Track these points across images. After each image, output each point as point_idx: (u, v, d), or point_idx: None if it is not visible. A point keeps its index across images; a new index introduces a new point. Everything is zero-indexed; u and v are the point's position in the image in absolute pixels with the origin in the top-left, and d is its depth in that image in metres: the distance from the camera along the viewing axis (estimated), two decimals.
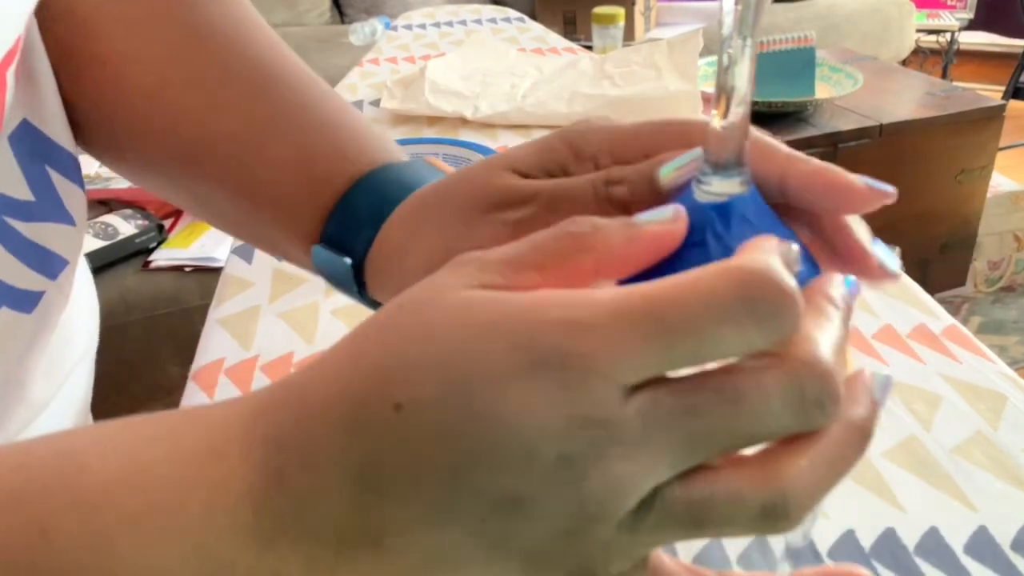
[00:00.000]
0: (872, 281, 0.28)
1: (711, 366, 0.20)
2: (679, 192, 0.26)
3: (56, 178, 0.39)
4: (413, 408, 0.19)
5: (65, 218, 0.40)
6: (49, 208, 0.39)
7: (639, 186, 0.27)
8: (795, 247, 0.21)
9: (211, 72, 0.38)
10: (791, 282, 0.19)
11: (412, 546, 0.20)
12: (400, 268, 0.34)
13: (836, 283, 0.23)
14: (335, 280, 0.37)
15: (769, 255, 0.20)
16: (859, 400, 0.21)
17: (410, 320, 0.21)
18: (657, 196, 0.27)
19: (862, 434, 0.21)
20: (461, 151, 0.78)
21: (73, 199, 0.40)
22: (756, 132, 0.27)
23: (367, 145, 0.37)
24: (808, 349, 0.20)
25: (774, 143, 0.27)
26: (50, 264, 0.39)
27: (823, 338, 0.20)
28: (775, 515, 0.19)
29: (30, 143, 0.37)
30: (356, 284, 0.36)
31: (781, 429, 0.20)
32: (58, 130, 0.39)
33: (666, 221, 0.23)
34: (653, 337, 0.19)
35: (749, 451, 0.20)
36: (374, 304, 0.37)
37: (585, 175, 0.29)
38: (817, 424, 0.20)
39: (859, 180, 0.26)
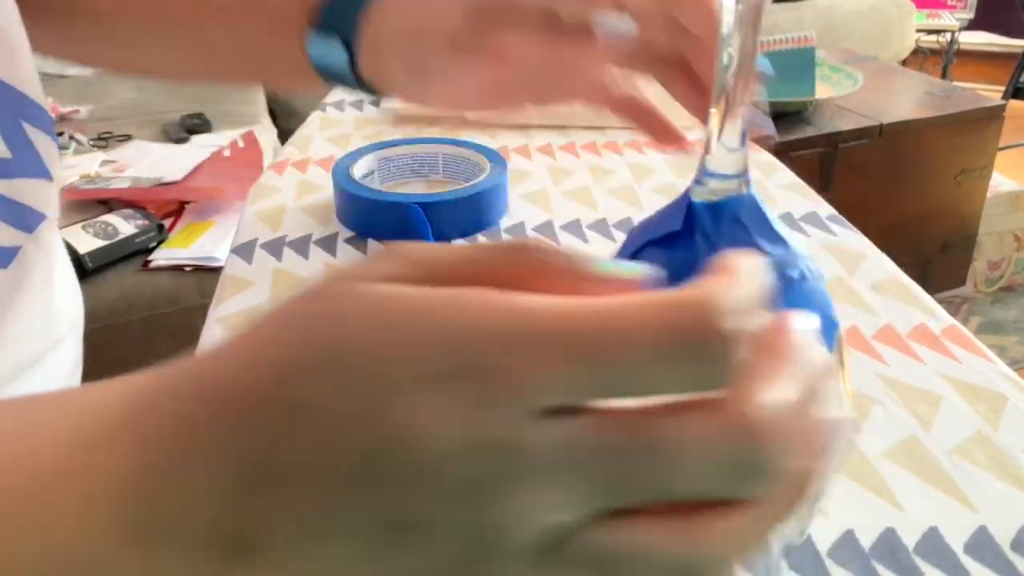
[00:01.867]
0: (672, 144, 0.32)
1: (652, 400, 0.18)
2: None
3: (31, 132, 0.39)
4: (310, 410, 0.18)
5: (42, 172, 0.40)
6: (26, 163, 0.39)
7: (578, 20, 0.33)
8: (763, 281, 0.18)
9: None
10: (728, 324, 0.17)
11: (293, 557, 0.18)
12: (376, 47, 0.38)
13: (805, 323, 0.20)
14: (333, 72, 0.40)
15: (721, 287, 0.17)
16: (806, 447, 0.19)
17: (317, 313, 0.19)
18: (588, 33, 0.33)
19: (802, 488, 0.19)
20: (461, 151, 0.78)
21: (49, 152, 0.41)
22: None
23: None
24: (747, 408, 0.17)
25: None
26: (26, 219, 0.40)
27: (774, 393, 0.18)
28: None
29: (4, 99, 0.37)
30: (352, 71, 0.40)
31: (707, 492, 0.18)
32: (31, 84, 0.39)
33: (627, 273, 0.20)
34: (576, 362, 0.17)
35: None
36: (366, 89, 0.41)
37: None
38: (749, 495, 0.18)
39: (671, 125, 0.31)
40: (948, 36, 3.13)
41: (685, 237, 0.24)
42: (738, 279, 0.18)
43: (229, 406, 0.19)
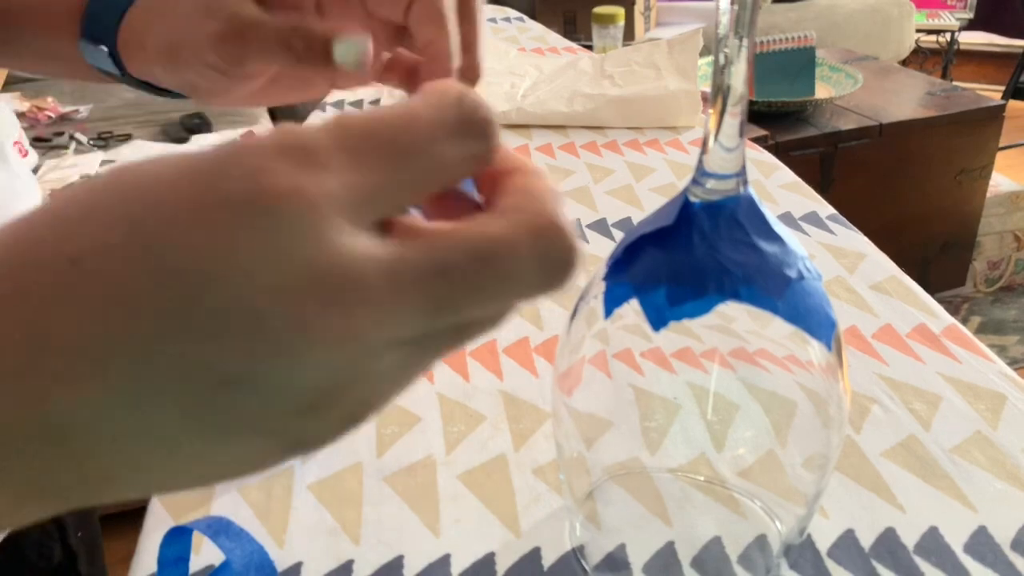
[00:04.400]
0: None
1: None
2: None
3: None
4: (93, 260, 0.15)
5: None
6: None
7: (314, 46, 0.33)
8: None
9: None
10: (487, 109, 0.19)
11: (107, 436, 0.16)
12: (141, 56, 0.39)
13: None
14: (109, 74, 0.42)
15: (463, 87, 0.19)
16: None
17: (108, 172, 0.17)
18: (326, 58, 0.33)
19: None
20: None
21: None
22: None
23: None
24: (550, 210, 0.18)
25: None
26: None
27: (555, 200, 0.19)
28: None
29: None
30: (120, 72, 0.41)
31: (525, 294, 0.18)
32: None
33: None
34: (381, 164, 0.17)
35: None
36: (143, 85, 0.42)
37: (279, 19, 0.35)
38: (555, 290, 0.18)
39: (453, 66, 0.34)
40: (948, 36, 3.13)
41: (683, 236, 0.24)
42: (462, 88, 0.19)
43: (2, 278, 0.16)
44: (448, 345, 0.19)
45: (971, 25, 3.12)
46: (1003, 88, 2.85)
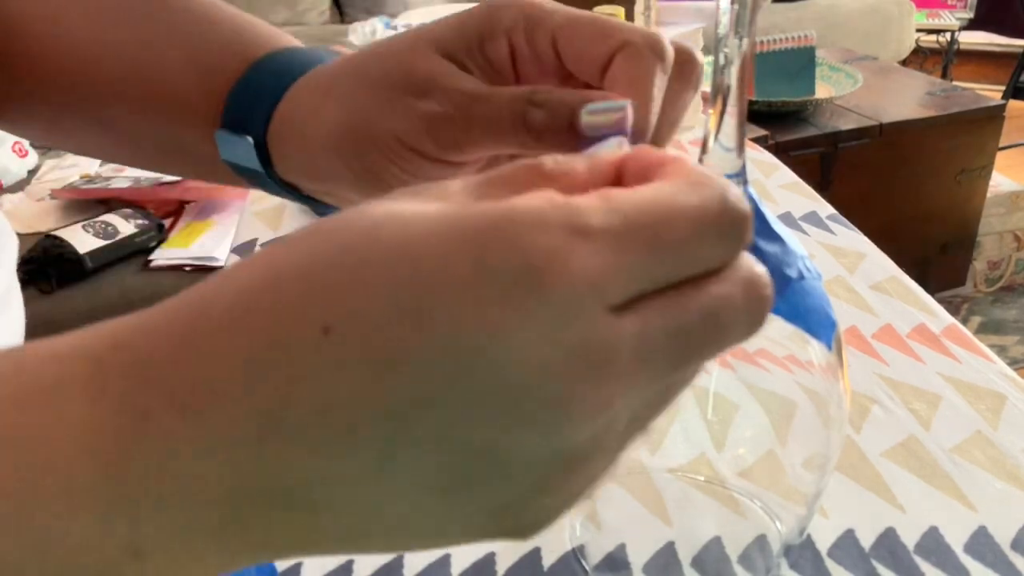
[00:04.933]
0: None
1: None
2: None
3: None
4: (346, 329, 0.15)
5: None
6: None
7: (558, 119, 0.26)
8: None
9: (100, 2, 0.37)
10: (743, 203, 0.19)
11: (337, 504, 0.16)
12: (302, 143, 0.33)
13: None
14: (247, 171, 0.36)
15: (714, 174, 0.19)
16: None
17: (347, 228, 0.16)
18: (571, 133, 0.26)
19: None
20: None
21: None
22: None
23: (260, 35, 0.37)
24: (751, 263, 0.19)
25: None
26: None
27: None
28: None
29: None
30: (265, 168, 0.34)
31: (735, 343, 0.19)
32: None
33: (614, 152, 0.20)
34: (649, 254, 0.17)
35: None
36: (288, 189, 0.36)
37: (509, 89, 0.28)
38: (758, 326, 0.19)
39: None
40: (948, 36, 3.13)
41: None
42: (701, 170, 0.19)
43: (241, 334, 0.16)
44: (659, 409, 0.19)
45: (971, 25, 3.12)
46: (1003, 88, 2.85)
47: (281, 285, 0.16)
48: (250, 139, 0.33)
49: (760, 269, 0.19)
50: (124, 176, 1.58)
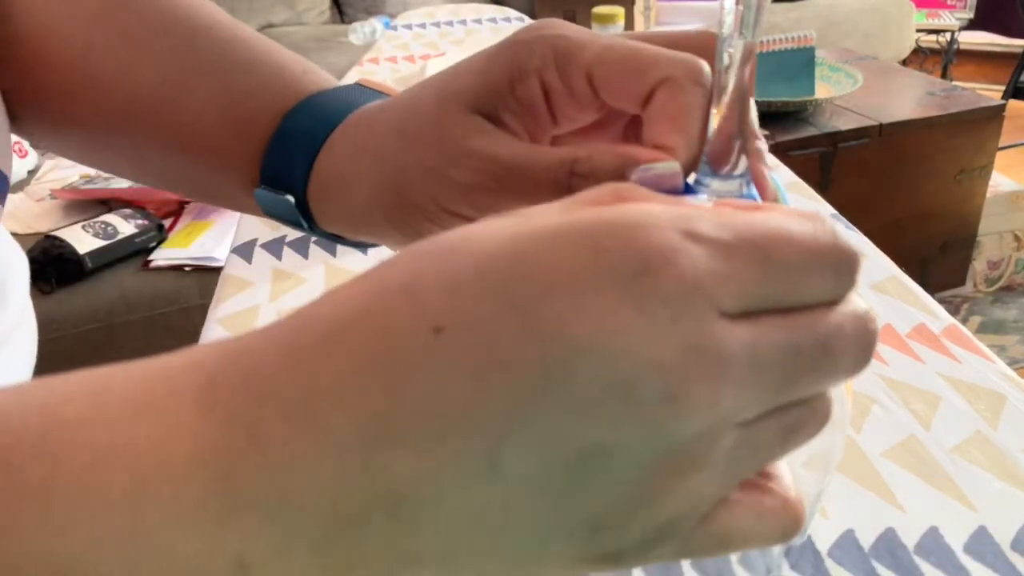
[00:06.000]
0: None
1: None
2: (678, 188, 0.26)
3: None
4: (458, 330, 0.15)
5: None
6: None
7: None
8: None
9: (132, 33, 0.37)
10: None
11: (442, 512, 0.16)
12: (342, 200, 0.32)
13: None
14: (288, 221, 0.35)
15: (830, 218, 0.19)
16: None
17: (449, 238, 0.17)
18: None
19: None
20: None
21: None
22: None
23: (293, 78, 0.36)
24: (859, 300, 0.19)
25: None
26: None
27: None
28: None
29: None
30: (306, 220, 0.34)
31: (845, 376, 0.19)
32: None
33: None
34: (759, 269, 0.17)
35: None
36: (332, 237, 0.36)
37: (550, 158, 0.27)
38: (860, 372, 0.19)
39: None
40: (948, 36, 3.13)
41: None
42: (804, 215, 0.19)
43: (351, 341, 0.16)
44: (772, 444, 0.19)
45: (971, 25, 3.12)
46: (1003, 88, 2.85)
47: (388, 292, 0.16)
48: (291, 198, 0.33)
49: (867, 305, 0.19)
50: None
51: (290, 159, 0.33)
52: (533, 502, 0.16)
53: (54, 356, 0.73)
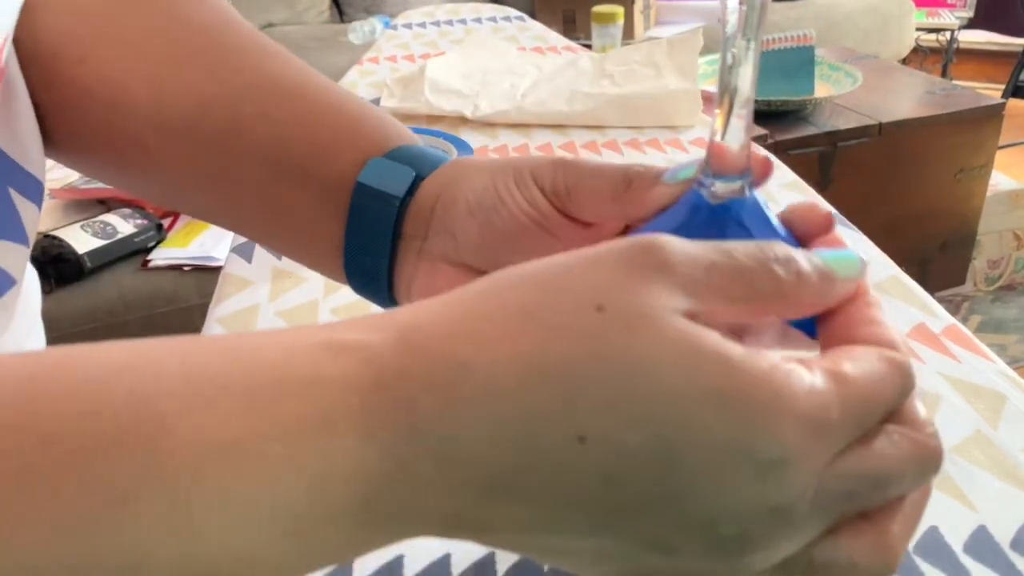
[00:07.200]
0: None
1: None
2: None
3: (16, 198, 0.38)
4: (602, 448, 0.18)
5: (19, 237, 0.38)
6: (6, 226, 0.37)
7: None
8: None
9: (207, 86, 0.36)
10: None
11: (520, 541, 0.20)
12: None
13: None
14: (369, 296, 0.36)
15: (900, 345, 0.22)
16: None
17: (614, 336, 0.19)
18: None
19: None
20: (437, 141, 0.78)
21: (31, 219, 0.39)
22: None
23: (382, 131, 0.36)
24: (928, 428, 0.22)
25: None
26: None
27: (924, 411, 0.22)
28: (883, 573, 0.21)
29: None
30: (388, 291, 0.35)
31: (901, 495, 0.22)
32: (31, 159, 0.38)
33: (855, 277, 0.23)
34: (851, 434, 0.20)
35: None
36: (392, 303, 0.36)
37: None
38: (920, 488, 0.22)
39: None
40: (948, 35, 3.13)
41: (684, 237, 0.24)
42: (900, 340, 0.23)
43: (508, 422, 0.18)
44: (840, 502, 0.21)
45: (971, 23, 3.12)
46: (1003, 87, 2.85)
47: (544, 381, 0.18)
48: (412, 172, 0.34)
49: (939, 443, 0.22)
50: None
51: (363, 262, 0.35)
52: (598, 555, 0.20)
53: None
